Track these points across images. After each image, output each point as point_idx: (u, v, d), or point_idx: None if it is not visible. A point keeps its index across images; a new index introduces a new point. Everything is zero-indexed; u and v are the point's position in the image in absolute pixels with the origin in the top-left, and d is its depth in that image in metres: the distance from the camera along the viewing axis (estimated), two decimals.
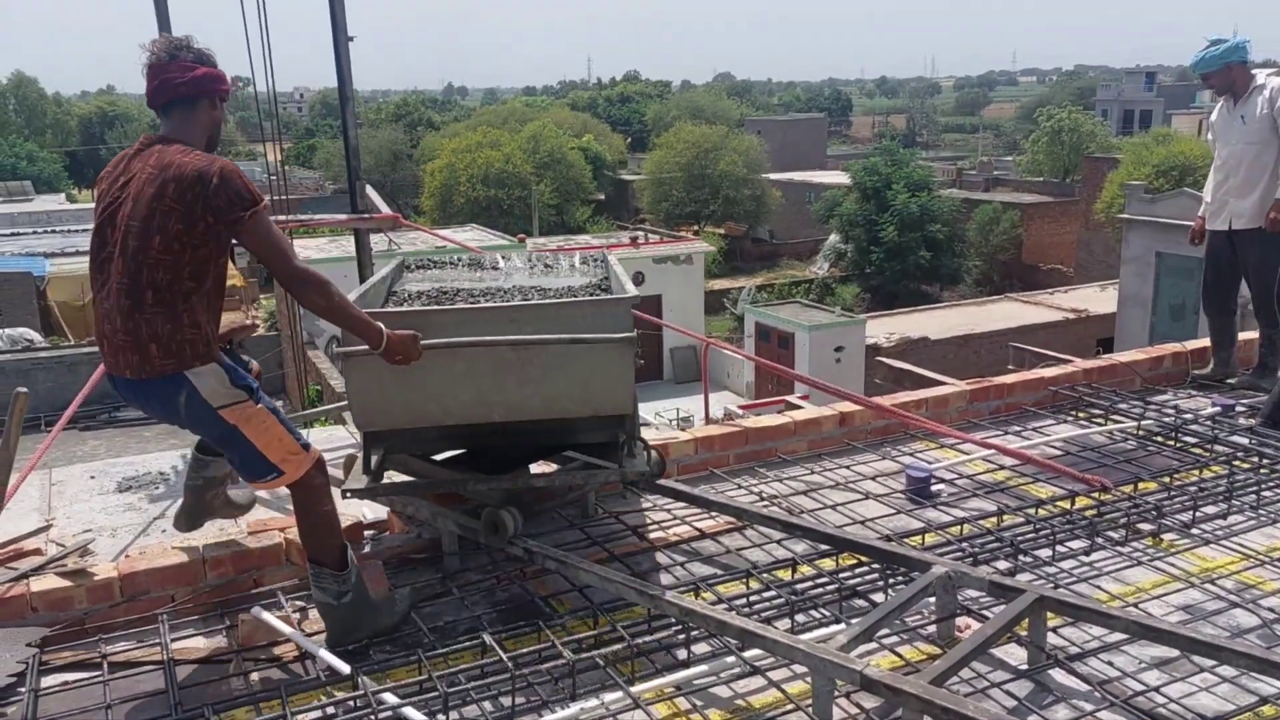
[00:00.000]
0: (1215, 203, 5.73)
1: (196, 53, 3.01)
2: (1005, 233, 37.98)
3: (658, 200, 43.70)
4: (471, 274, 4.43)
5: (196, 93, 2.99)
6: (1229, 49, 5.50)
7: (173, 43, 3.03)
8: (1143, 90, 68.52)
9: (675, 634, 3.14)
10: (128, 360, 2.88)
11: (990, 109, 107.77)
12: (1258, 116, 5.47)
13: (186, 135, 2.98)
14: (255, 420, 2.97)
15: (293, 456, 3.03)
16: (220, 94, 3.06)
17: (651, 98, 72.68)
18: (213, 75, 3.02)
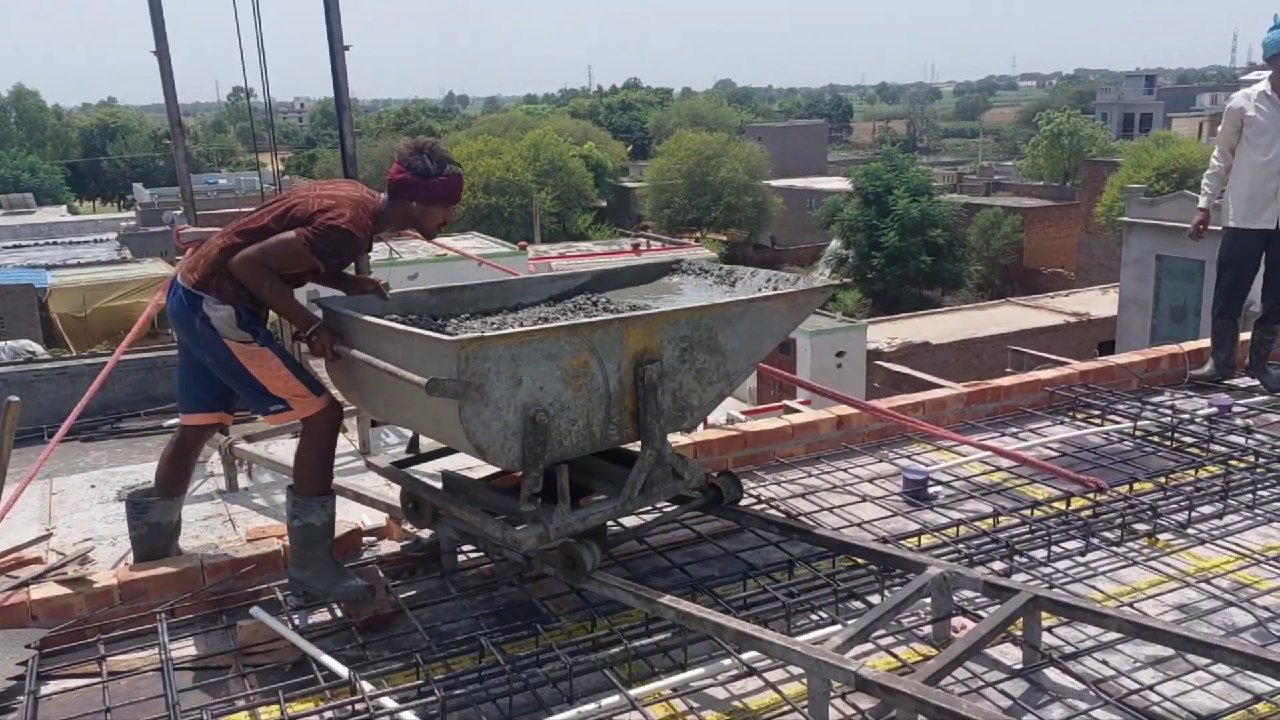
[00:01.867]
0: (1259, 201, 5.56)
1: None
2: (1006, 237, 37.99)
3: (659, 207, 43.78)
4: (705, 286, 4.13)
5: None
6: None
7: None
8: (1142, 93, 68.56)
9: (673, 636, 3.16)
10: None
11: (990, 114, 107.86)
12: None
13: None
14: (259, 359, 3.34)
15: (300, 398, 3.37)
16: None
17: (652, 105, 72.82)
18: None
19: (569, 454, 3.20)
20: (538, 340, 3.01)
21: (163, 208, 33.06)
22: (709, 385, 3.47)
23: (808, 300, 3.71)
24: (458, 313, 3.67)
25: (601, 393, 3.19)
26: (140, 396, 7.01)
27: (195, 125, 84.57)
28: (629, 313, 3.42)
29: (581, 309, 3.74)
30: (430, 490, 3.52)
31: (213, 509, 4.73)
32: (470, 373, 2.87)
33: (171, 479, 3.61)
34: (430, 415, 3.10)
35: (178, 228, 4.97)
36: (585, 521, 3.23)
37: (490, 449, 3.01)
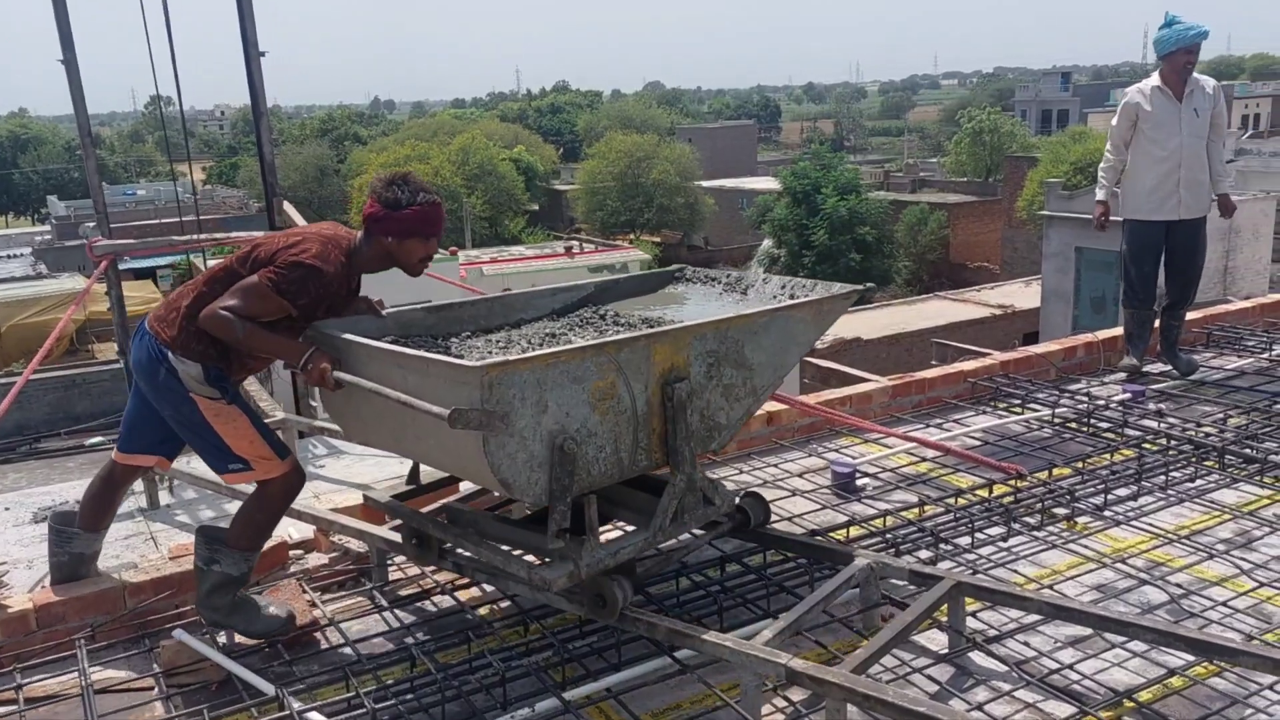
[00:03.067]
0: (1161, 193, 5.73)
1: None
2: (933, 233, 38.72)
3: (592, 210, 43.77)
4: (715, 295, 3.91)
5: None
6: (1203, 29, 5.62)
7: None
8: (1059, 90, 70.42)
9: (606, 638, 3.17)
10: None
11: (914, 112, 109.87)
12: (1207, 110, 5.67)
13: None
14: (225, 417, 3.20)
15: (264, 460, 3.22)
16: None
17: (582, 108, 72.76)
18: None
19: (597, 484, 2.95)
20: (563, 362, 2.76)
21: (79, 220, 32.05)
22: (736, 402, 3.28)
23: (832, 307, 3.53)
24: (457, 331, 3.42)
25: (629, 415, 2.96)
26: (60, 415, 6.81)
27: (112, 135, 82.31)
28: (655, 328, 3.19)
29: (591, 324, 3.51)
30: (440, 526, 3.25)
31: (134, 527, 4.61)
32: (494, 400, 2.62)
33: (96, 513, 3.50)
34: (448, 448, 2.87)
35: (90, 241, 4.84)
36: (616, 556, 2.99)
37: (516, 483, 2.76)
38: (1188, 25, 5.58)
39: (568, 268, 23.98)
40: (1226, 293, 20.27)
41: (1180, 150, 5.67)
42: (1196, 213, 5.79)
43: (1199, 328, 6.66)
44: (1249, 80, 63.01)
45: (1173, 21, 5.66)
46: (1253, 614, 3.29)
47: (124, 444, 3.45)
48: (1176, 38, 5.59)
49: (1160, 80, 5.72)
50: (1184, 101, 5.66)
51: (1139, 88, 5.85)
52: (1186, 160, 5.68)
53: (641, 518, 3.18)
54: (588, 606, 3.02)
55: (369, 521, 3.74)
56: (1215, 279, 23.32)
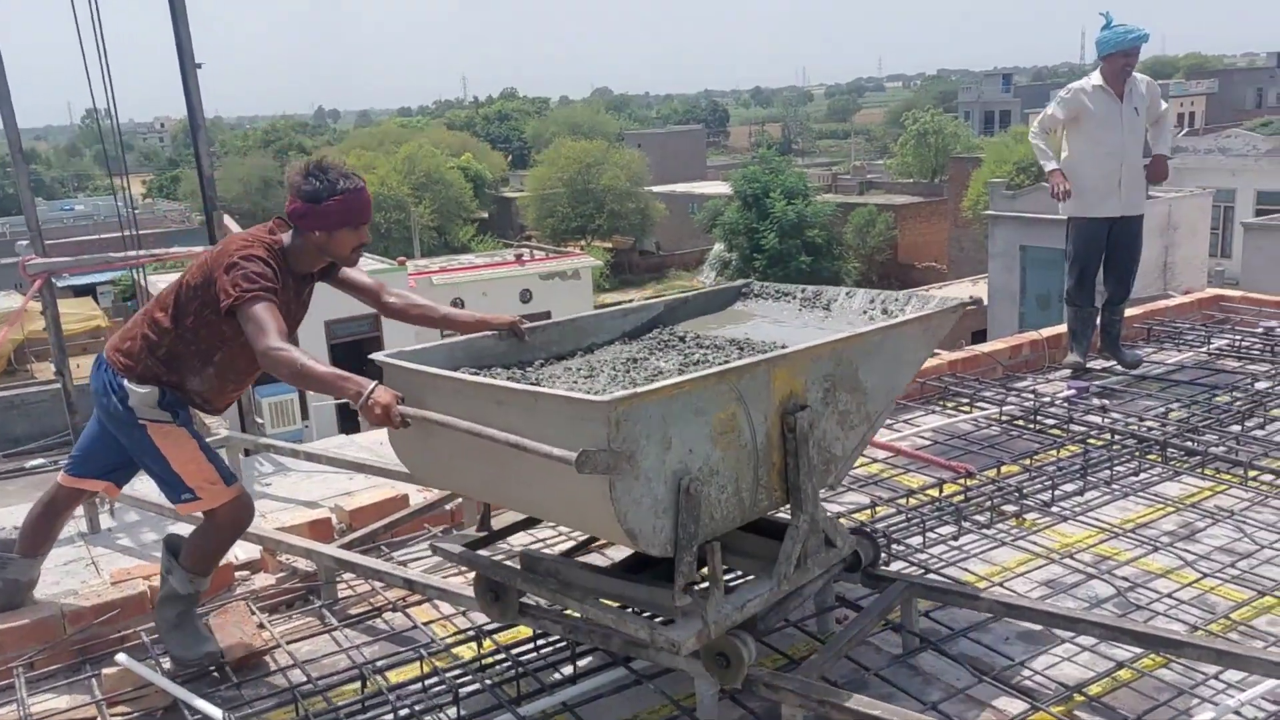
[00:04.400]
0: (1101, 190, 5.84)
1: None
2: (881, 234, 39.17)
3: (542, 216, 43.62)
4: (793, 311, 3.70)
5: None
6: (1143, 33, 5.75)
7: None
8: (1000, 92, 71.63)
9: (561, 650, 3.14)
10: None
11: (861, 115, 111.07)
12: (1143, 110, 5.81)
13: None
14: (173, 439, 3.12)
15: (210, 485, 3.14)
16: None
17: (530, 114, 72.57)
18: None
19: (719, 528, 2.66)
20: (686, 392, 2.51)
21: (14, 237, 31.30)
22: (851, 430, 3.00)
23: (940, 322, 3.28)
24: (529, 359, 3.21)
25: (749, 450, 2.69)
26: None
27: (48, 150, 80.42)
28: (769, 352, 2.94)
29: (673, 346, 3.29)
30: (530, 580, 2.90)
31: (74, 552, 4.47)
32: (621, 439, 2.36)
33: (36, 538, 3.41)
34: (562, 495, 2.57)
35: (24, 259, 4.70)
36: (743, 611, 2.69)
37: (642, 532, 2.47)
38: (1128, 29, 5.69)
39: (518, 275, 23.86)
40: (1167, 288, 20.71)
41: (1122, 149, 5.80)
42: (1136, 209, 5.92)
43: (1140, 323, 6.79)
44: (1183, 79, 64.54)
45: (1112, 23, 5.77)
46: (1197, 604, 3.35)
47: (74, 468, 3.37)
48: (1116, 40, 5.70)
49: (1102, 79, 5.84)
50: (1124, 101, 5.79)
51: (1081, 85, 5.95)
52: (1127, 158, 5.81)
53: (757, 564, 2.91)
54: (708, 666, 2.69)
55: (316, 539, 3.67)
56: (1155, 274, 23.85)
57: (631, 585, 2.81)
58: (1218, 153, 27.76)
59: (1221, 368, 5.94)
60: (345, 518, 4.09)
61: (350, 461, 4.56)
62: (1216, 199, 26.05)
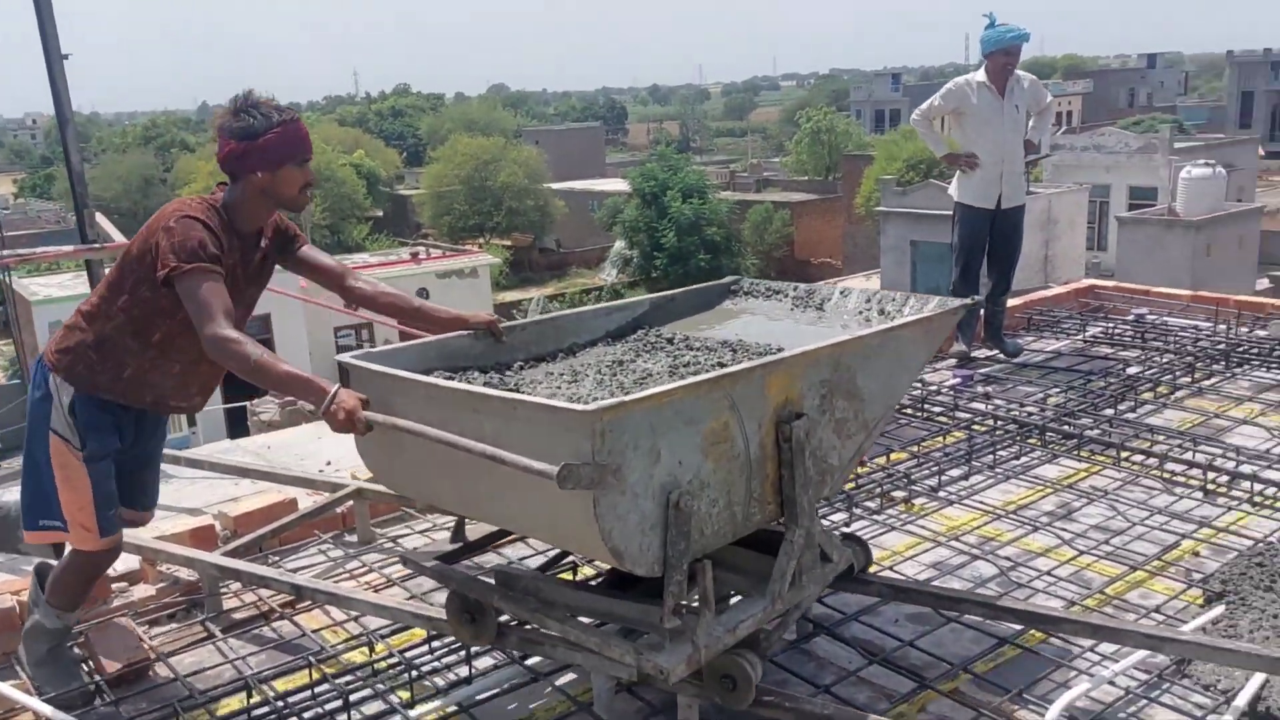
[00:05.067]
0: (985, 184, 6.07)
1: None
2: (778, 231, 39.84)
3: (439, 214, 42.98)
4: (785, 310, 3.57)
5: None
6: (1021, 32, 5.95)
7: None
8: (890, 91, 73.51)
9: (456, 650, 3.09)
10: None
11: (757, 113, 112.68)
12: (1024, 107, 6.03)
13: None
14: (69, 472, 2.83)
15: (85, 531, 2.88)
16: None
17: (424, 111, 71.39)
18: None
19: (710, 545, 2.51)
20: (677, 400, 2.36)
21: None
22: (848, 439, 2.84)
23: (941, 324, 3.17)
24: (508, 361, 3.03)
25: (742, 461, 2.54)
26: None
27: None
28: (766, 356, 2.79)
29: (660, 349, 3.13)
30: (509, 598, 2.71)
31: None
32: (606, 451, 2.21)
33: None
34: (542, 511, 2.42)
35: None
36: (736, 632, 2.53)
37: (628, 551, 2.31)
38: (1007, 28, 5.91)
39: (414, 274, 23.49)
40: (1048, 280, 21.58)
41: (1003, 144, 6.02)
42: (1016, 202, 6.16)
43: (1020, 313, 7.05)
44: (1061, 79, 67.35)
45: (995, 23, 5.98)
46: (1074, 581, 3.49)
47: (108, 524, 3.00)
48: (997, 39, 5.91)
49: (985, 77, 6.04)
50: (1006, 98, 6.00)
51: (966, 80, 6.15)
52: (1009, 154, 6.04)
53: (749, 581, 2.75)
54: (712, 689, 2.56)
55: (199, 547, 3.54)
56: (1037, 267, 24.82)
57: (619, 603, 2.65)
58: (1093, 150, 29.03)
59: (1096, 354, 6.21)
60: (230, 524, 3.95)
61: (235, 466, 4.41)
62: (1092, 194, 27.29)
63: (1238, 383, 5.50)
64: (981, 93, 6.02)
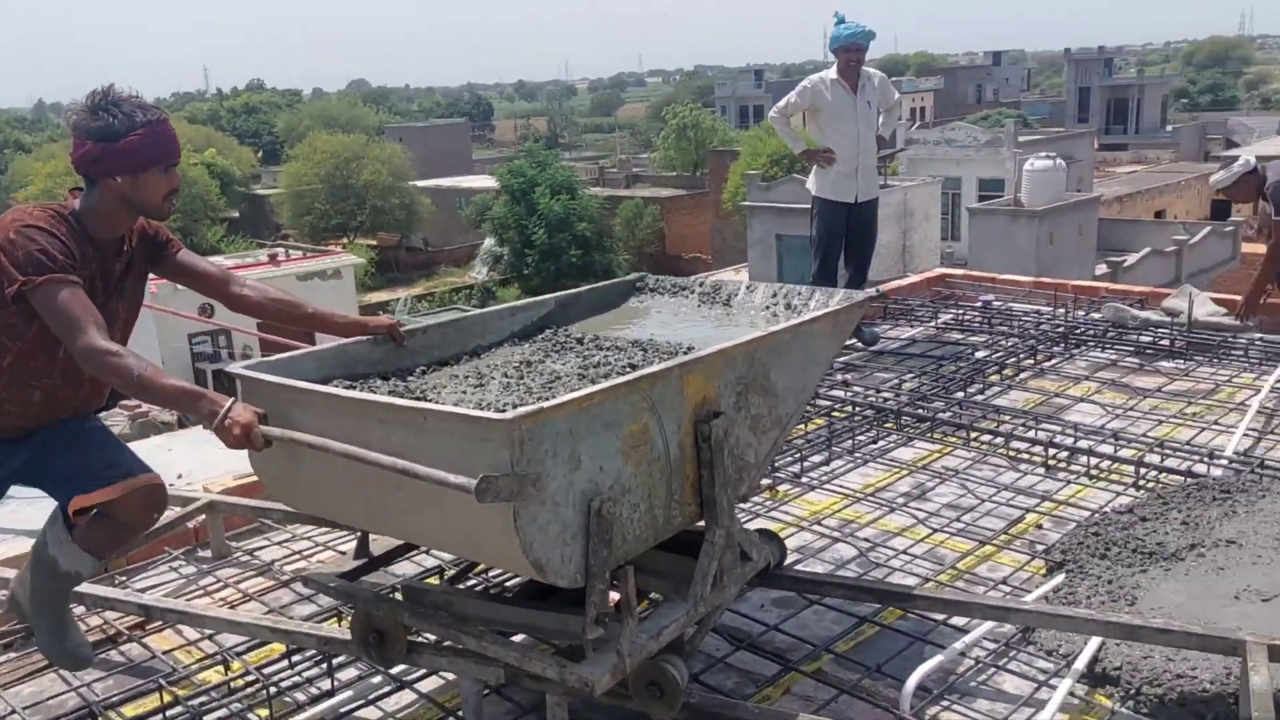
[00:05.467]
0: (842, 178, 6.26)
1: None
2: (649, 226, 40.17)
3: (299, 214, 41.59)
4: (692, 307, 3.53)
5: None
6: (862, 30, 6.11)
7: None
8: (753, 87, 74.93)
9: (317, 664, 3.00)
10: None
11: (624, 109, 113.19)
12: (875, 102, 6.22)
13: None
14: None
15: None
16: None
17: (280, 107, 68.98)
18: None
19: (632, 550, 2.46)
20: (596, 405, 2.29)
21: None
22: (763, 435, 2.85)
23: (849, 317, 3.21)
24: (409, 366, 2.92)
25: (662, 463, 2.50)
26: None
27: None
28: (687, 355, 2.72)
29: (569, 349, 3.07)
30: (420, 615, 2.60)
31: None
32: (526, 460, 2.13)
33: None
34: (458, 524, 2.32)
35: None
36: (660, 639, 2.49)
37: (550, 562, 2.24)
38: (850, 26, 6.10)
39: (274, 276, 22.66)
40: (906, 270, 22.41)
41: (857, 139, 6.22)
42: (871, 195, 6.38)
43: (877, 302, 7.28)
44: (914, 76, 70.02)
45: (841, 20, 6.17)
46: (929, 558, 3.64)
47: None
48: (843, 37, 6.10)
49: (836, 74, 6.22)
50: (858, 94, 6.19)
51: (820, 77, 6.34)
52: (862, 148, 6.24)
53: (670, 584, 2.70)
54: (639, 698, 2.52)
55: None
56: (895, 258, 25.73)
57: (537, 615, 2.59)
58: (944, 144, 30.28)
59: (947, 340, 6.47)
60: None
61: None
62: (945, 187, 28.44)
63: (1075, 363, 5.83)
64: (835, 89, 6.20)
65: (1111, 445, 4.43)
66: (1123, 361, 5.78)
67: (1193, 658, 2.75)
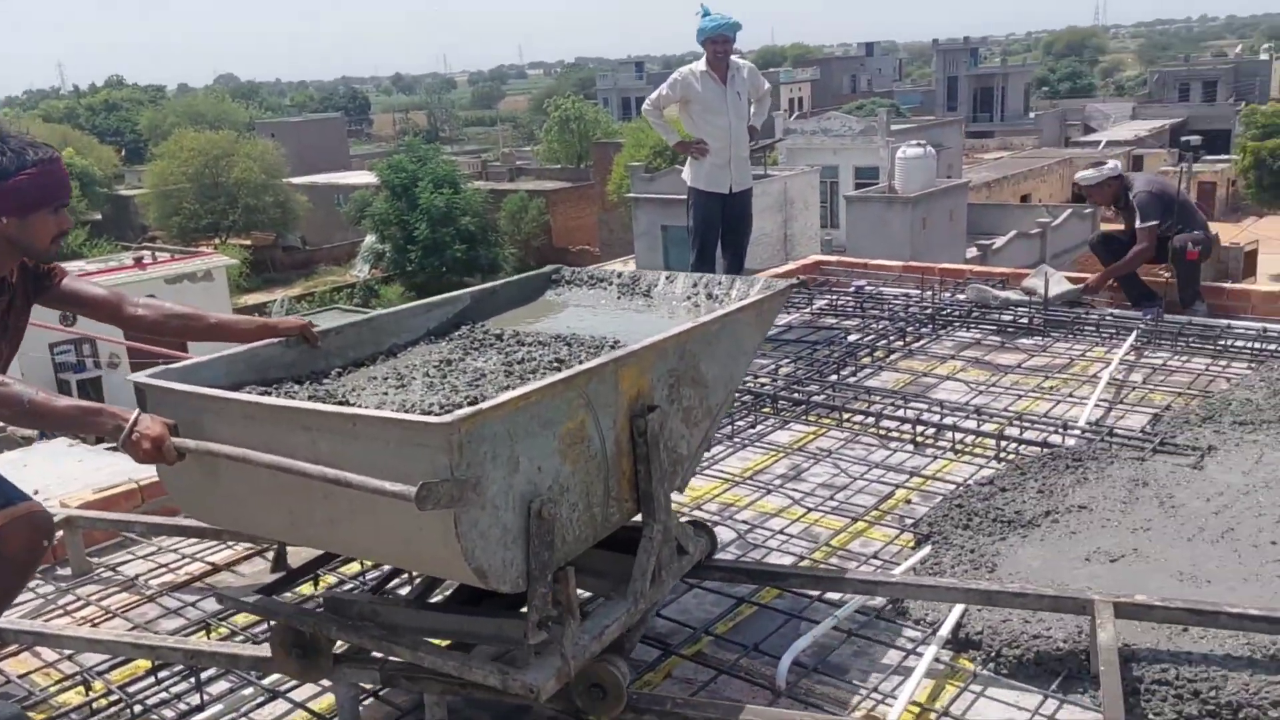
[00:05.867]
0: (716, 169, 6.35)
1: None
2: (534, 220, 39.96)
3: (167, 215, 39.95)
4: (611, 299, 3.47)
5: None
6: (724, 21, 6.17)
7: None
8: (634, 79, 75.32)
9: (184, 679, 2.90)
10: None
11: (505, 102, 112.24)
12: (745, 93, 6.29)
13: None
14: None
15: None
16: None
17: (144, 104, 66.10)
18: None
19: (572, 551, 2.42)
20: (534, 404, 2.24)
21: None
22: (695, 427, 2.83)
23: (772, 306, 3.21)
24: (324, 369, 2.82)
25: (599, 460, 2.46)
26: None
27: None
28: (619, 350, 2.63)
29: (489, 344, 3.01)
30: (349, 628, 2.51)
31: None
32: (465, 465, 2.06)
33: None
34: (393, 533, 2.23)
35: None
36: (602, 639, 2.45)
37: (492, 567, 2.18)
38: (715, 18, 6.19)
39: (140, 280, 21.73)
40: (789, 258, 22.88)
41: (729, 130, 6.31)
42: (745, 185, 6.50)
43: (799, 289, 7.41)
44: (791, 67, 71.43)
45: (706, 13, 6.24)
46: (804, 537, 3.73)
47: None
48: (708, 28, 6.19)
49: (706, 65, 6.30)
50: (728, 85, 6.29)
51: (690, 69, 6.42)
52: (735, 139, 6.34)
53: (607, 583, 2.67)
54: (581, 700, 2.48)
55: None
56: (778, 246, 26.26)
57: (474, 620, 2.53)
58: (821, 134, 31.02)
59: (822, 325, 6.63)
60: None
61: None
62: (823, 175, 29.17)
63: (942, 343, 6.06)
64: (705, 81, 6.29)
65: (975, 421, 4.62)
66: (986, 340, 6.04)
67: (1047, 619, 2.90)
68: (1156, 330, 5.76)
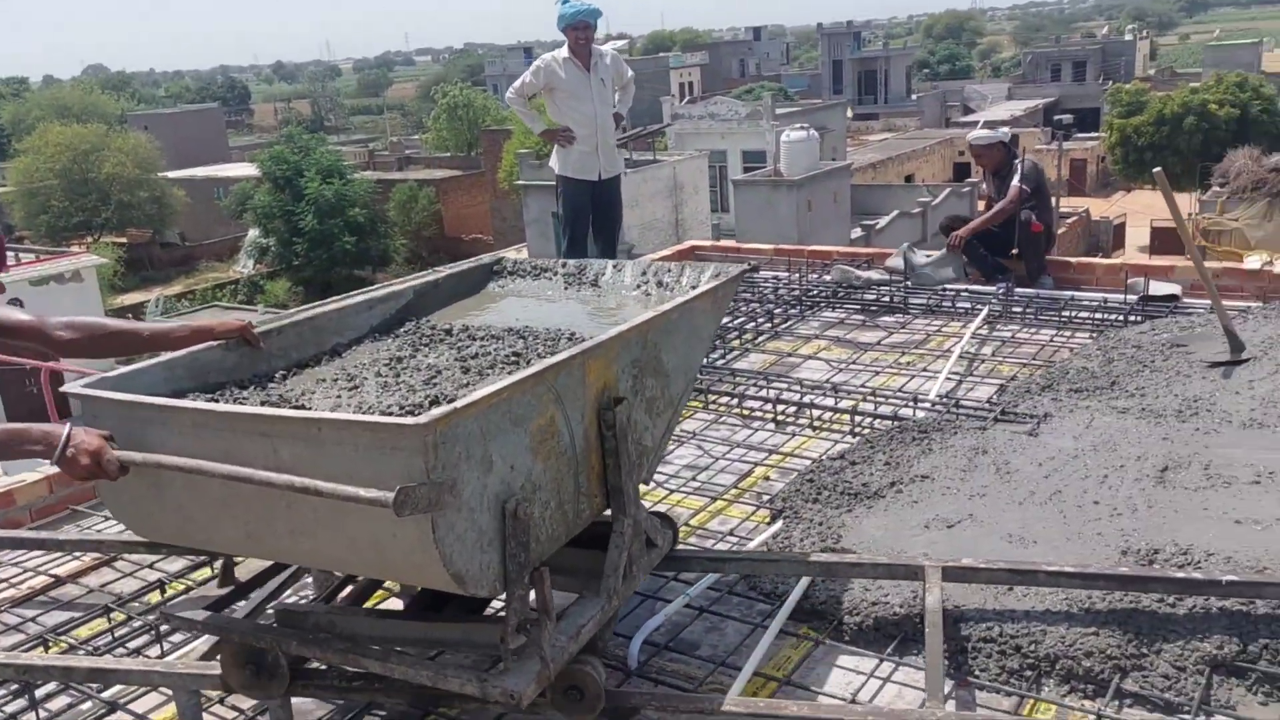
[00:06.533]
0: (584, 156, 6.37)
1: None
2: (425, 209, 39.32)
3: (33, 214, 38.01)
4: (558, 289, 3.37)
5: None
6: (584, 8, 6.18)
7: None
8: (524, 65, 74.53)
9: (18, 696, 2.81)
10: None
11: (393, 89, 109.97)
12: (609, 80, 6.35)
13: None
14: None
15: None
16: None
17: (5, 97, 62.76)
18: None
19: (546, 550, 2.36)
20: (505, 401, 2.17)
21: None
22: (658, 417, 2.79)
23: (726, 293, 3.16)
24: (268, 371, 2.71)
25: (569, 456, 2.41)
26: None
27: None
28: (587, 342, 2.55)
29: (438, 340, 2.93)
30: (310, 642, 2.40)
31: None
32: (440, 466, 1.99)
33: None
34: (365, 541, 2.12)
35: None
36: (578, 639, 2.39)
37: (469, 571, 2.10)
38: (574, 5, 6.18)
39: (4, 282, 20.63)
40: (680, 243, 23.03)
41: (595, 117, 6.32)
42: (614, 172, 6.53)
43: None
44: (680, 52, 71.72)
45: (568, 0, 6.23)
46: None
47: None
48: (568, 16, 6.18)
49: (569, 53, 6.29)
50: (592, 72, 6.29)
51: (553, 56, 6.41)
52: (601, 125, 6.36)
53: (579, 580, 2.59)
54: (556, 703, 2.41)
55: None
56: (669, 231, 26.47)
57: (443, 627, 2.45)
58: (709, 119, 31.27)
59: None
60: None
61: None
62: (712, 160, 29.44)
63: (808, 323, 6.21)
64: (568, 68, 6.29)
65: (832, 398, 4.76)
66: (849, 319, 6.21)
67: (885, 586, 3.02)
68: (1008, 304, 6.02)
